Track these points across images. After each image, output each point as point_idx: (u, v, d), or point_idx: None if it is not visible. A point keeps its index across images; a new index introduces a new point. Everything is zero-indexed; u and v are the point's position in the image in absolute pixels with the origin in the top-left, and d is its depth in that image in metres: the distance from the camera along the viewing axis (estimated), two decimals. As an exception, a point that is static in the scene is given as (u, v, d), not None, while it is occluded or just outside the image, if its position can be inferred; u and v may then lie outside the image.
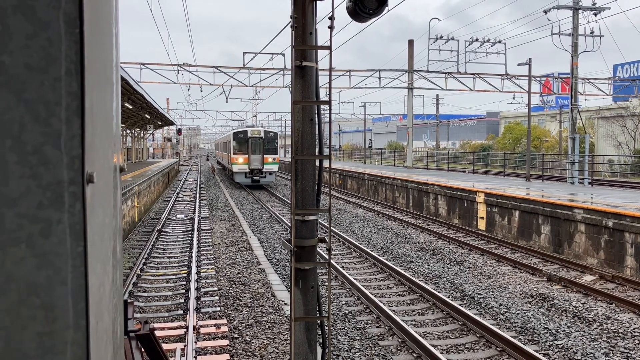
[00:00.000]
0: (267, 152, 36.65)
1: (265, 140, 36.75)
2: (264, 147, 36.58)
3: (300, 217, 4.97)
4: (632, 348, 8.68)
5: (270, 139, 37.27)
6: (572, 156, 26.51)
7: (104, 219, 1.11)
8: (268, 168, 36.74)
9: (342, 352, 8.36)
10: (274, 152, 37.10)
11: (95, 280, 1.00)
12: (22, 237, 0.90)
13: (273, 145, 37.23)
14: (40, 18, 0.90)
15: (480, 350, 8.57)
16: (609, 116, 51.34)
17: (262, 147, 36.54)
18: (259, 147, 36.62)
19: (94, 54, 1.00)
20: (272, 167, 36.93)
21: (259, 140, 36.63)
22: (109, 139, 1.18)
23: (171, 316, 9.76)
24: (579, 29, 26.14)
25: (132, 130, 46.71)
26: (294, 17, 4.83)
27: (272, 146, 37.11)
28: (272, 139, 37.46)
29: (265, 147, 36.62)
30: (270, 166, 36.86)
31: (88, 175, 0.95)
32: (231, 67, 33.92)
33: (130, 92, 23.46)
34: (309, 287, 5.05)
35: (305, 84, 4.96)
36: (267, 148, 36.64)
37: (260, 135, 36.86)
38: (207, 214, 23.65)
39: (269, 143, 36.97)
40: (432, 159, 55.52)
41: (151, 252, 15.16)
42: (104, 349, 1.08)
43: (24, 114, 0.90)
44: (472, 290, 11.86)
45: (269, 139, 37.11)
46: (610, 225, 13.79)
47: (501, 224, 18.79)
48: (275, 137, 37.84)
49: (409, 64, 36.87)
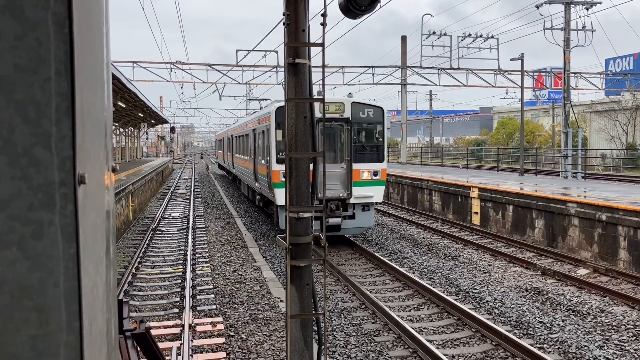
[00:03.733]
0: (361, 156, 15.94)
1: (355, 126, 15.93)
2: (353, 143, 15.80)
3: (295, 215, 4.97)
4: (625, 340, 8.74)
5: (368, 124, 16.29)
6: (565, 150, 26.62)
7: (96, 220, 1.10)
8: (363, 194, 15.79)
9: (338, 348, 8.37)
10: (377, 155, 16.10)
11: (88, 281, 0.99)
12: (13, 239, 0.89)
13: (374, 140, 16.23)
14: (29, 18, 0.89)
15: (475, 345, 8.60)
16: (602, 110, 51.57)
17: (348, 143, 15.84)
18: (340, 143, 16.30)
19: (83, 54, 0.99)
20: (371, 192, 15.89)
21: (342, 128, 15.96)
22: (101, 139, 1.17)
23: (167, 315, 9.74)
24: (571, 23, 26.22)
25: (125, 129, 46.54)
26: (287, 14, 4.82)
27: (371, 141, 16.21)
28: (370, 123, 16.31)
29: (355, 143, 15.89)
30: (369, 189, 15.88)
31: (79, 176, 0.94)
32: (224, 64, 33.83)
33: (123, 90, 23.37)
34: (305, 284, 5.06)
35: (299, 81, 4.96)
36: (359, 146, 15.93)
37: (344, 115, 15.74)
38: (201, 212, 23.61)
39: (366, 134, 16.24)
40: (426, 154, 55.64)
41: (146, 251, 15.12)
42: (98, 350, 1.08)
43: (14, 115, 0.89)
44: (467, 285, 11.90)
45: (363, 123, 16.14)
46: (604, 218, 13.86)
47: (495, 219, 18.85)
48: (378, 120, 16.31)
49: (402, 60, 36.92)
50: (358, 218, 15.63)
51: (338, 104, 15.46)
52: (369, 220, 16.07)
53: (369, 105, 16.05)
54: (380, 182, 15.76)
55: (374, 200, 15.76)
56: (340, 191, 15.26)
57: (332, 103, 15.40)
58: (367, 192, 15.52)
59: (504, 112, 72.65)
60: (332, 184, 15.17)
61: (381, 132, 16.01)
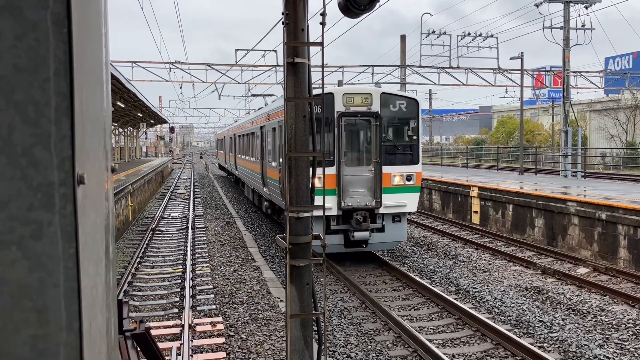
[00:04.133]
0: (392, 157, 13.48)
1: (384, 121, 13.27)
2: (380, 141, 13.16)
3: (295, 215, 4.97)
4: (626, 339, 8.74)
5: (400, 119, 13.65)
6: (564, 149, 26.63)
7: (96, 220, 1.11)
8: (395, 202, 13.34)
9: (338, 347, 8.37)
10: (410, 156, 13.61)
11: (87, 281, 0.99)
12: (13, 239, 0.89)
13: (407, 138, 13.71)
14: (28, 18, 0.89)
15: (475, 344, 8.61)
16: (601, 109, 51.57)
17: (376, 142, 13.21)
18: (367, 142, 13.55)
19: (83, 54, 0.99)
20: (404, 200, 13.41)
21: (369, 124, 13.31)
22: (100, 139, 1.17)
23: (167, 315, 9.74)
24: (570, 22, 26.22)
25: (124, 129, 46.54)
26: (286, 14, 4.82)
27: (404, 140, 13.69)
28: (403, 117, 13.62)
29: (385, 141, 13.37)
30: (401, 197, 13.41)
31: (79, 176, 0.94)
32: (223, 64, 33.82)
33: (122, 90, 23.37)
34: (304, 284, 5.06)
35: (298, 81, 4.96)
36: (390, 146, 13.49)
37: (372, 108, 13.12)
38: (201, 212, 23.61)
39: (398, 131, 13.73)
40: (426, 153, 55.65)
41: (146, 251, 15.12)
42: (98, 350, 1.08)
43: (13, 115, 0.89)
44: (467, 284, 11.90)
45: (395, 118, 13.59)
46: (604, 217, 13.86)
47: (495, 218, 18.86)
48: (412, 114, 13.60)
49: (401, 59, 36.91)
50: (388, 231, 13.26)
51: (364, 95, 12.93)
52: (401, 233, 13.58)
53: (402, 97, 13.58)
54: (415, 188, 13.38)
55: (406, 210, 13.37)
56: (368, 199, 12.87)
57: (357, 94, 12.92)
58: (399, 200, 13.13)
59: (503, 111, 72.65)
60: (358, 191, 12.84)
61: (415, 129, 13.52)
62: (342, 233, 12.95)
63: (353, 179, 12.90)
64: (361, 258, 13.96)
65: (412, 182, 13.27)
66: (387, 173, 13.02)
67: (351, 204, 12.71)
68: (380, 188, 12.87)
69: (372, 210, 12.91)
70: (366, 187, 12.95)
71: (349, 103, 12.80)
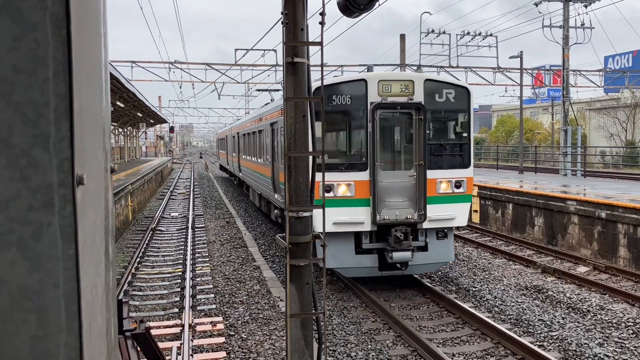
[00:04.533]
0: (438, 159, 10.94)
1: (430, 115, 10.72)
2: (425, 140, 10.61)
3: (295, 214, 4.97)
4: (625, 338, 8.75)
5: (448, 112, 11.06)
6: (564, 148, 26.64)
7: (96, 221, 1.11)
8: (441, 214, 10.74)
9: (339, 347, 8.37)
10: (460, 158, 11.10)
11: (87, 282, 0.99)
12: (12, 240, 0.89)
13: (456, 135, 11.20)
14: (27, 19, 0.89)
15: (475, 343, 8.61)
16: (601, 108, 51.59)
17: (420, 140, 10.66)
18: (405, 141, 11.10)
19: (82, 55, 0.99)
20: (452, 211, 10.89)
21: (409, 118, 10.76)
22: (99, 139, 1.17)
23: (167, 314, 9.75)
24: (570, 21, 26.23)
25: (124, 129, 46.53)
26: (285, 14, 4.82)
27: (452, 138, 11.18)
28: (451, 110, 11.04)
29: (428, 140, 10.72)
30: (449, 208, 10.86)
31: (78, 177, 0.94)
32: (223, 64, 33.82)
33: (122, 90, 23.37)
34: (304, 284, 5.06)
35: (297, 80, 4.96)
36: (436, 145, 10.91)
37: (414, 98, 10.55)
38: (201, 211, 23.61)
39: (445, 127, 11.25)
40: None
41: (146, 251, 15.12)
42: (98, 350, 1.08)
43: (12, 116, 0.89)
44: (467, 284, 11.91)
45: (442, 111, 11.03)
46: (603, 216, 13.87)
47: (495, 217, 18.87)
48: (462, 106, 11.04)
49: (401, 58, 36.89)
50: (432, 250, 10.89)
51: (404, 83, 10.51)
52: (447, 252, 11.14)
53: (449, 85, 11.03)
54: (465, 198, 11.00)
55: (455, 224, 11.04)
56: (409, 211, 10.49)
57: (395, 81, 10.52)
58: (447, 211, 10.73)
59: (503, 110, 72.65)
60: (396, 201, 10.55)
61: (466, 124, 11.06)
62: (377, 252, 10.65)
63: (391, 187, 10.56)
64: (392, 279, 11.43)
65: (461, 190, 10.95)
66: (433, 179, 10.69)
67: (389, 218, 10.38)
68: (424, 197, 10.52)
69: (414, 225, 10.56)
70: (406, 197, 10.63)
71: (385, 92, 10.37)
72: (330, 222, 9.77)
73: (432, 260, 11.01)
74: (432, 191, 10.66)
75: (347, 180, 10.25)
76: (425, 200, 10.51)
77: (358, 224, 10.33)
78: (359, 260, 10.56)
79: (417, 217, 10.55)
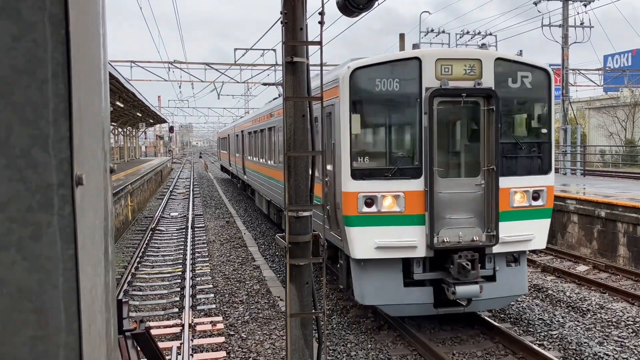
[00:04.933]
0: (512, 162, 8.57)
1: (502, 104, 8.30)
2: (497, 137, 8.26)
3: (294, 214, 4.98)
4: (625, 337, 8.75)
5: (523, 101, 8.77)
6: (564, 147, 26.64)
7: (95, 221, 1.11)
8: (514, 235, 8.45)
9: (338, 346, 8.37)
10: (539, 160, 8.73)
11: (86, 282, 0.99)
12: (12, 241, 0.89)
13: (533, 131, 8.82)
14: (26, 20, 0.89)
15: (475, 343, 8.61)
16: (600, 107, 51.59)
17: (489, 138, 8.32)
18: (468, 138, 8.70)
19: (80, 55, 0.99)
20: (529, 230, 8.58)
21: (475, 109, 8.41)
22: (98, 139, 1.17)
23: (167, 314, 9.75)
24: (569, 20, 26.24)
25: (123, 129, 46.52)
26: (284, 13, 4.82)
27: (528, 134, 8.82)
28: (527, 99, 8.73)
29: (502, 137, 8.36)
30: (525, 226, 8.55)
31: (77, 177, 0.94)
32: (222, 63, 33.81)
33: (121, 90, 23.37)
34: (304, 283, 5.06)
35: (297, 80, 4.96)
36: (509, 145, 8.57)
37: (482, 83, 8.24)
38: (200, 211, 23.61)
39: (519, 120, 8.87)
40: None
41: (145, 251, 15.12)
42: (98, 351, 1.08)
43: (11, 116, 0.89)
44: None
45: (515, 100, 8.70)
46: (603, 215, 13.87)
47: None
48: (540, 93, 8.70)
49: (400, 57, 36.83)
50: (501, 279, 8.52)
51: (470, 62, 8.23)
52: (520, 282, 8.84)
53: (527, 66, 8.59)
54: (544, 212, 8.74)
55: (533, 247, 8.85)
56: (475, 231, 8.23)
57: (457, 60, 8.23)
58: (522, 230, 8.50)
59: (502, 109, 72.57)
60: (459, 218, 8.24)
61: (545, 118, 8.75)
62: (432, 284, 8.37)
63: (452, 199, 8.22)
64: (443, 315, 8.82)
65: (540, 203, 8.64)
66: (505, 188, 8.34)
67: (450, 240, 8.09)
68: (495, 213, 8.19)
69: (481, 249, 8.24)
70: (472, 212, 8.30)
71: (445, 74, 8.12)
72: (371, 245, 7.93)
73: (501, 294, 8.59)
74: (505, 204, 8.35)
75: (395, 191, 8.05)
76: (497, 216, 8.19)
77: (409, 249, 8.09)
78: (408, 295, 8.25)
79: (486, 238, 8.25)
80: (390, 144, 8.42)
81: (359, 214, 7.94)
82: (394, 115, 8.40)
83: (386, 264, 8.20)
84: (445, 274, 8.21)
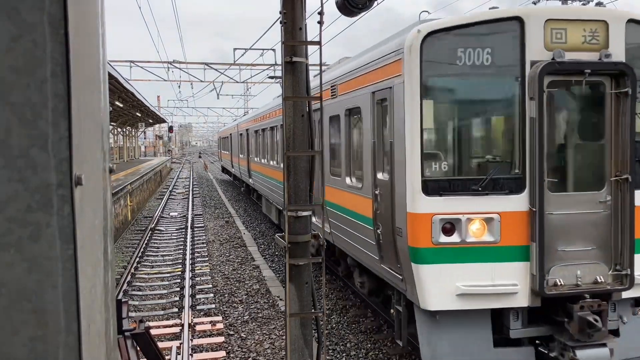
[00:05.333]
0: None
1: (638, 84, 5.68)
2: (632, 130, 5.74)
3: (294, 214, 4.98)
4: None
5: None
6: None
7: (94, 221, 1.11)
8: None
9: (338, 346, 8.38)
10: None
11: (86, 282, 0.99)
12: (11, 241, 0.89)
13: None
14: (25, 20, 0.89)
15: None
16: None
17: (621, 132, 5.79)
18: (591, 134, 6.12)
19: (80, 55, 0.99)
20: None
21: (598, 89, 5.93)
22: (97, 139, 1.17)
23: (166, 314, 9.74)
24: (568, 19, 26.19)
25: (123, 129, 46.53)
26: (283, 13, 4.82)
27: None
28: None
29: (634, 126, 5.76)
30: None
31: (76, 177, 0.94)
32: (222, 63, 33.80)
33: (121, 90, 23.37)
34: (304, 283, 5.07)
35: (296, 80, 4.96)
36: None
37: (609, 55, 5.70)
38: (200, 211, 23.61)
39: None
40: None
41: (145, 251, 15.12)
42: (97, 351, 1.08)
43: (10, 117, 0.89)
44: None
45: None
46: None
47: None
48: None
49: (399, 57, 36.82)
50: (626, 334, 6.15)
51: (591, 26, 5.88)
52: None
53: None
54: None
55: None
56: (600, 269, 5.91)
57: (573, 22, 5.88)
58: None
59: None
60: (577, 251, 5.91)
61: None
62: (531, 342, 6.14)
63: (567, 223, 5.95)
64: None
65: None
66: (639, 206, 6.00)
67: (565, 283, 5.80)
68: (631, 242, 5.88)
69: (607, 294, 5.94)
70: (593, 241, 5.96)
71: (557, 42, 5.82)
72: (451, 290, 5.71)
73: (629, 354, 6.16)
74: (638, 229, 5.98)
75: (486, 212, 5.78)
76: (632, 246, 5.87)
77: (506, 296, 5.82)
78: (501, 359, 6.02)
79: (615, 279, 5.93)
80: (478, 144, 6.34)
81: (434, 246, 5.68)
82: (484, 102, 6.18)
83: (470, 315, 5.91)
84: (554, 329, 5.97)
